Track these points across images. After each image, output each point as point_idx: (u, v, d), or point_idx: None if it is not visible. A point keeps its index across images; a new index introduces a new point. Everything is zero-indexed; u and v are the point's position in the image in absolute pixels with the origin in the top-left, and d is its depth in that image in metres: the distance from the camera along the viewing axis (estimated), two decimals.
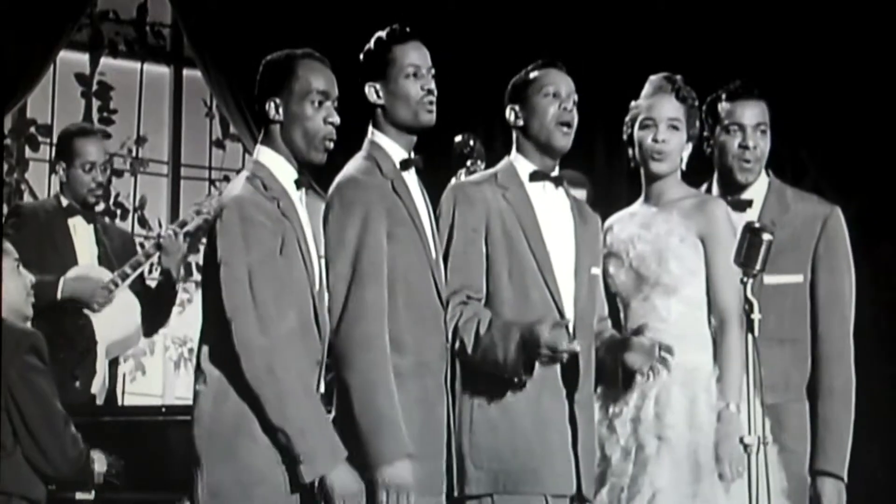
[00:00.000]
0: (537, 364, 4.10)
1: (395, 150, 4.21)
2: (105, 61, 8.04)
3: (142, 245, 6.17)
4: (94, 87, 8.02)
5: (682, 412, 4.19)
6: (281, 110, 3.94)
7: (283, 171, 3.96)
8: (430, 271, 4.16)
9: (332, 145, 3.98)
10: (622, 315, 4.48)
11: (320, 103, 3.94)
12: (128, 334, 5.78)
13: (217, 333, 3.80)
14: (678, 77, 4.52)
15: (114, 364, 5.86)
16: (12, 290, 4.55)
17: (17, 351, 4.41)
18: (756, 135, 4.62)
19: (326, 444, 3.77)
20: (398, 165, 4.19)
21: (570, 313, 4.27)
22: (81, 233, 5.83)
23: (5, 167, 7.57)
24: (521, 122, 4.38)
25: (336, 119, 3.95)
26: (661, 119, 4.44)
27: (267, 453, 3.76)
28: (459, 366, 4.25)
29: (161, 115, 8.27)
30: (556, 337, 4.01)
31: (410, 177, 4.23)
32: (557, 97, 4.33)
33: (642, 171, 4.52)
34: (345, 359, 3.98)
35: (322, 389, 4.01)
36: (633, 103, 4.55)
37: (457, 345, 4.18)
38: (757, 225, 3.83)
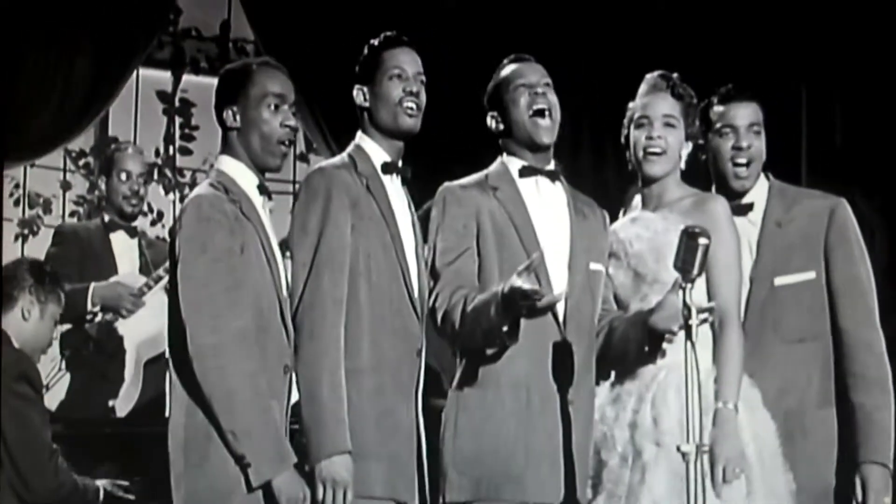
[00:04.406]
0: (523, 323, 3.99)
1: (378, 153, 4.21)
2: (187, 78, 8.10)
3: None
4: (177, 104, 8.09)
5: (678, 417, 4.06)
6: (238, 117, 3.97)
7: (245, 177, 3.98)
8: (402, 273, 4.12)
9: (288, 149, 4.01)
10: None
11: (276, 107, 3.97)
12: (156, 333, 5.84)
13: (181, 342, 3.80)
14: (674, 75, 4.44)
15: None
16: (41, 338, 4.69)
17: (5, 377, 4.43)
18: (749, 135, 4.54)
19: (273, 449, 3.76)
20: (379, 168, 4.18)
21: (562, 310, 4.18)
22: (123, 246, 6.02)
23: (86, 184, 7.68)
24: (501, 126, 4.34)
25: (293, 122, 3.99)
26: (655, 117, 4.35)
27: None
28: (461, 366, 4.20)
29: None
30: (531, 286, 3.87)
31: (393, 183, 4.21)
32: (528, 87, 4.28)
33: (639, 174, 4.41)
34: (298, 349, 3.97)
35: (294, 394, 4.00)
36: (630, 104, 4.46)
37: (448, 328, 4.12)
38: (696, 230, 3.73)
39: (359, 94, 4.23)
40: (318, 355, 3.93)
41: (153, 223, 7.83)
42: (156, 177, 7.92)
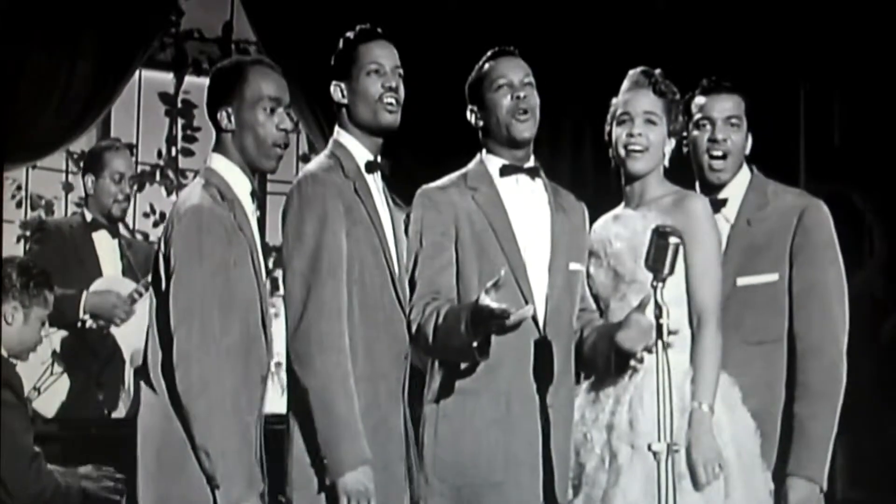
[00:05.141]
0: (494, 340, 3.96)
1: (360, 150, 4.17)
2: (189, 80, 8.09)
3: None
4: (179, 106, 8.08)
5: (653, 419, 3.93)
6: (233, 118, 3.89)
7: (238, 180, 3.91)
8: (390, 277, 4.10)
9: (283, 151, 3.93)
10: (604, 317, 4.36)
11: (272, 110, 3.90)
12: None
13: (168, 344, 3.74)
14: (657, 71, 4.41)
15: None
16: (27, 341, 4.63)
17: None
18: (727, 128, 4.50)
19: (244, 473, 3.70)
20: (362, 167, 4.14)
21: (542, 311, 4.18)
22: (105, 247, 5.92)
23: None
24: (481, 123, 4.31)
25: (288, 125, 3.91)
26: (636, 113, 4.33)
27: None
28: (440, 374, 4.17)
29: None
30: (498, 306, 3.81)
31: (374, 180, 4.18)
32: (510, 87, 4.25)
33: (622, 170, 4.39)
34: (303, 360, 3.92)
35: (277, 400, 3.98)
36: (613, 100, 4.43)
37: (421, 341, 4.09)
38: (666, 229, 3.72)
39: (336, 91, 4.19)
40: (331, 367, 3.90)
41: (156, 224, 7.84)
42: (158, 178, 7.93)
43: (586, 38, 7.38)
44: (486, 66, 4.32)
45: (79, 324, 5.68)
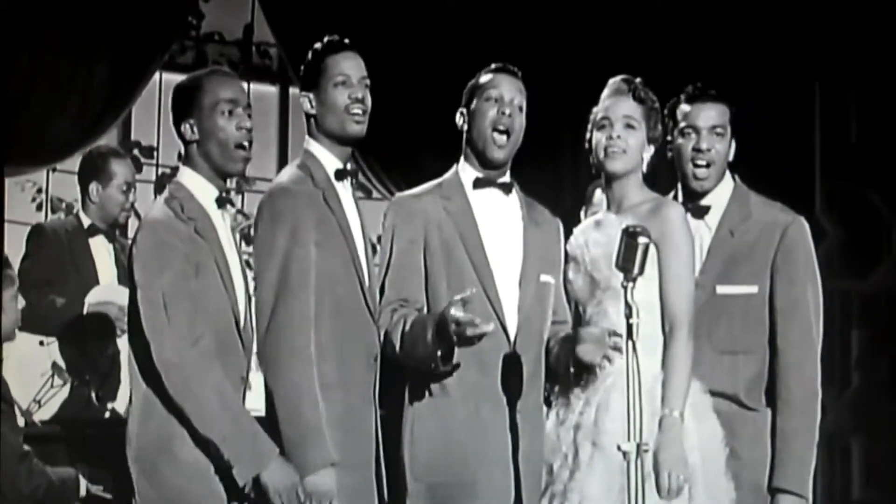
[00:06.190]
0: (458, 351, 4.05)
1: (329, 159, 4.24)
2: None
3: None
4: None
5: (621, 419, 3.92)
6: (196, 128, 4.01)
7: (204, 190, 4.01)
8: (359, 283, 4.17)
9: (248, 152, 4.02)
10: (582, 322, 4.36)
11: (230, 112, 3.99)
12: None
13: (141, 352, 3.88)
14: (637, 79, 4.42)
15: None
16: (8, 325, 4.63)
17: None
18: (711, 137, 4.49)
19: (250, 447, 3.84)
20: (332, 176, 4.21)
21: (512, 322, 4.23)
22: (102, 252, 5.94)
23: None
24: (466, 127, 4.36)
25: (248, 124, 4.00)
26: (616, 118, 4.34)
27: (188, 471, 3.86)
28: (415, 376, 4.24)
29: (268, 133, 8.32)
30: (465, 315, 3.92)
31: (344, 187, 4.25)
32: (499, 102, 4.29)
33: (602, 175, 4.40)
34: (271, 368, 4.01)
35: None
36: (594, 108, 4.44)
37: (388, 348, 4.17)
38: (637, 229, 3.73)
39: (305, 102, 4.27)
40: (299, 373, 3.99)
41: None
42: None
43: (590, 38, 7.36)
44: (485, 76, 4.37)
45: (79, 331, 5.67)
